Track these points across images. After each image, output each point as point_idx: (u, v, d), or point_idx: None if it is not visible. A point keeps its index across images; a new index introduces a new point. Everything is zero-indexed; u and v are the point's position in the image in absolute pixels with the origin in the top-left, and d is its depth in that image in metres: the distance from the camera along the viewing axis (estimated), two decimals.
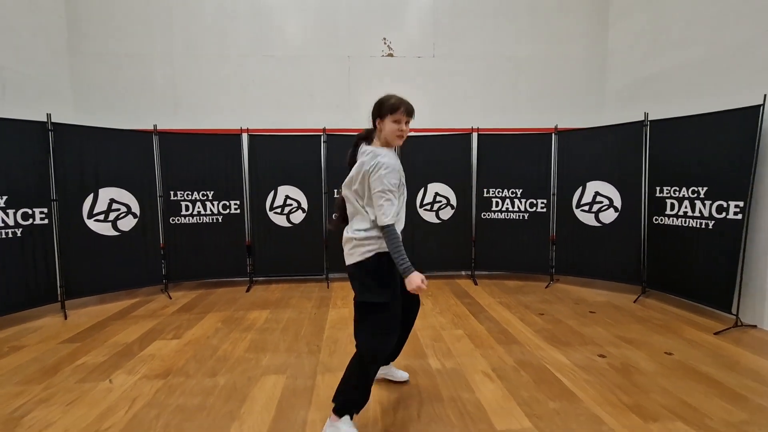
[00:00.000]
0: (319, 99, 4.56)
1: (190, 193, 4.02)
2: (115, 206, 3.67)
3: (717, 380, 2.19)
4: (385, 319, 1.66)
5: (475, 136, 4.33)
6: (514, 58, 4.65)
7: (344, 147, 4.18)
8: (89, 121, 3.83)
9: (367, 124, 4.76)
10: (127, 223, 3.74)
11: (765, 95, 2.81)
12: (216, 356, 2.54)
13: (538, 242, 4.26)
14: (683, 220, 3.32)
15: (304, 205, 4.26)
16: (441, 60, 4.62)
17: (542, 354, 2.54)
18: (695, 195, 3.22)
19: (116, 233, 3.68)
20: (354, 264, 1.72)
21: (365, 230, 1.70)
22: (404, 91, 4.71)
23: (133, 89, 4.38)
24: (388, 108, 1.69)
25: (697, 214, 3.21)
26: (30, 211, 3.20)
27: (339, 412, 1.66)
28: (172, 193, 3.97)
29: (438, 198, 4.37)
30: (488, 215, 4.36)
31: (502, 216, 4.33)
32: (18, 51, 3.72)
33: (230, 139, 4.12)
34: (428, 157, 4.31)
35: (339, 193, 3.87)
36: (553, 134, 4.20)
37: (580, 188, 4.03)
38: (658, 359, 2.45)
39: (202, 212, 4.07)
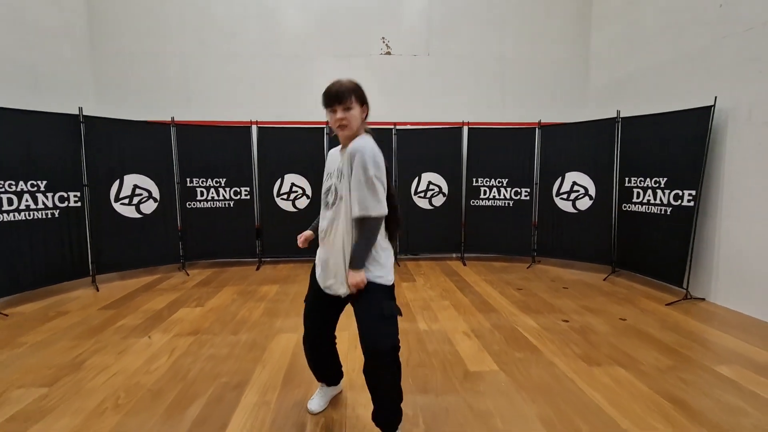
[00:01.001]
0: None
1: (204, 180, 4.40)
2: (138, 191, 4.05)
3: (657, 339, 2.63)
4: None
5: (465, 129, 4.72)
6: (502, 57, 5.01)
7: None
8: (110, 114, 4.18)
9: (368, 118, 5.12)
10: (149, 207, 4.13)
11: (715, 97, 3.21)
12: (236, 320, 2.96)
13: (521, 227, 4.68)
14: (647, 207, 3.73)
15: (309, 192, 4.65)
16: (435, 58, 4.97)
17: (515, 319, 2.97)
18: (657, 185, 3.64)
19: (139, 216, 4.08)
20: None
21: None
22: (401, 87, 5.10)
23: (149, 84, 4.73)
24: (323, 101, 1.52)
25: (658, 201, 3.63)
26: (65, 195, 3.59)
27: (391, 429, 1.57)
28: (188, 180, 4.35)
29: (431, 186, 4.77)
30: (477, 202, 4.77)
31: (489, 203, 4.74)
32: (47, 50, 4.05)
33: (241, 130, 4.50)
34: (422, 149, 4.69)
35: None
36: (536, 128, 4.58)
37: (560, 178, 4.43)
38: (613, 324, 2.89)
39: (216, 198, 4.46)
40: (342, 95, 1.48)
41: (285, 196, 4.63)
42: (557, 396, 1.96)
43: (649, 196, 3.71)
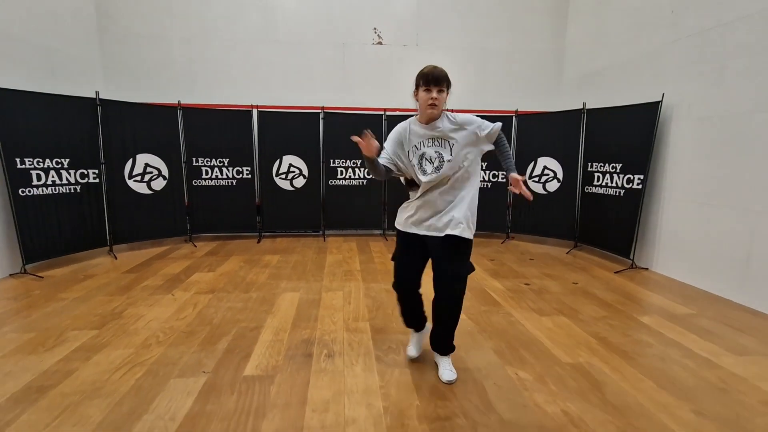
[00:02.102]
0: (318, 81, 5.27)
1: (209, 159, 4.78)
2: (149, 169, 4.42)
3: (599, 298, 3.18)
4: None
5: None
6: (485, 48, 5.41)
7: (340, 122, 5.00)
8: (117, 96, 4.49)
9: (359, 103, 5.55)
10: (159, 184, 4.51)
11: (663, 94, 3.69)
12: (245, 282, 3.43)
13: (498, 206, 5.19)
14: (605, 189, 4.26)
15: (305, 172, 5.07)
16: (423, 48, 5.35)
17: (485, 283, 3.50)
18: (614, 170, 4.15)
19: (150, 192, 4.46)
20: None
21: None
22: (390, 75, 5.48)
23: (155, 68, 5.02)
24: (417, 79, 1.82)
25: (614, 184, 4.15)
26: (85, 172, 3.95)
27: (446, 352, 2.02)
28: (194, 159, 4.73)
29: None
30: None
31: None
32: (59, 33, 4.32)
33: (242, 113, 4.86)
34: None
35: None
36: (513, 117, 5.04)
37: (533, 163, 4.93)
38: (566, 286, 3.44)
39: (220, 176, 4.86)
40: (440, 79, 1.77)
41: (283, 176, 5.04)
42: (509, 335, 2.49)
43: (607, 179, 4.23)
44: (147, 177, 4.43)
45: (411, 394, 1.85)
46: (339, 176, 5.14)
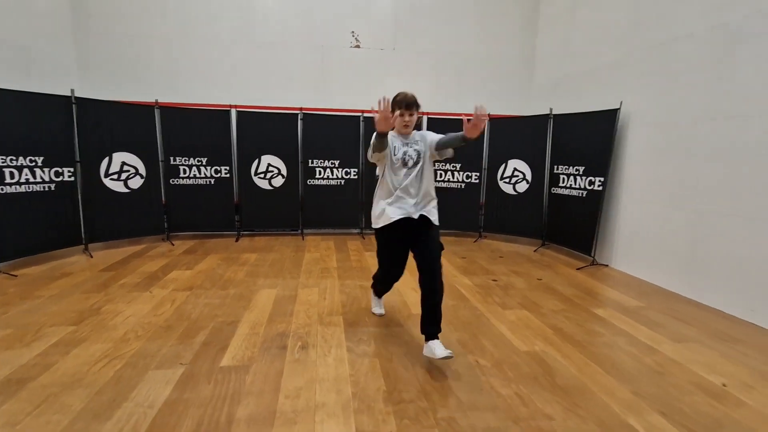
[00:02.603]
0: (297, 82, 5.36)
1: (187, 158, 4.81)
2: (126, 168, 4.43)
3: (560, 292, 3.41)
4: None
5: (425, 118, 5.32)
6: (459, 54, 5.61)
7: (318, 124, 5.11)
8: (93, 94, 4.48)
9: (337, 104, 5.65)
10: (136, 183, 4.52)
11: (621, 102, 3.96)
12: (223, 279, 3.51)
13: (471, 206, 5.40)
14: (569, 190, 4.51)
15: (284, 171, 5.15)
16: (400, 53, 5.50)
17: (454, 279, 3.68)
18: (577, 172, 4.41)
19: (127, 190, 4.46)
20: None
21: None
22: (368, 78, 5.62)
23: (132, 66, 5.01)
24: (393, 105, 2.20)
25: (577, 186, 4.41)
26: (60, 170, 3.94)
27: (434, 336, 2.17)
28: (172, 158, 4.75)
29: None
30: (435, 184, 5.43)
31: (444, 185, 5.42)
32: (35, 31, 4.27)
33: (221, 113, 4.90)
34: None
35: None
36: (486, 120, 5.25)
37: (504, 164, 5.15)
38: (531, 282, 3.66)
39: (198, 175, 4.89)
40: (413, 105, 2.25)
41: (262, 175, 5.11)
42: (474, 327, 2.67)
43: (571, 181, 4.48)
44: (124, 175, 4.43)
45: (378, 380, 2.00)
46: (317, 176, 5.24)
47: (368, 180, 5.32)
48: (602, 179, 4.10)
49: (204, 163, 4.89)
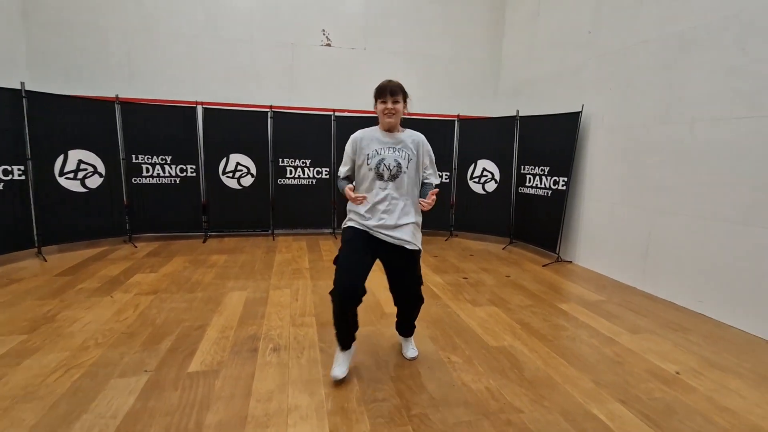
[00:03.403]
0: (267, 79, 5.26)
1: (150, 156, 4.62)
2: (83, 166, 4.20)
3: (527, 288, 3.53)
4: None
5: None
6: (429, 55, 5.68)
7: (289, 122, 5.03)
8: (45, 88, 4.21)
9: (308, 103, 5.59)
10: (94, 182, 4.30)
11: (582, 105, 4.14)
12: (190, 282, 3.40)
13: (441, 206, 5.47)
14: (535, 190, 4.67)
15: (253, 170, 5.04)
16: (371, 52, 5.51)
17: (427, 278, 3.72)
18: (543, 172, 4.57)
19: (85, 190, 4.24)
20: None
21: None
22: (339, 76, 5.58)
23: (89, 59, 4.75)
24: (375, 94, 1.96)
25: (543, 186, 4.57)
26: (9, 168, 3.69)
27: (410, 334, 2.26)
28: (134, 156, 4.55)
29: None
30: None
31: None
32: None
33: (186, 110, 4.74)
34: None
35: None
36: (456, 121, 5.35)
37: (473, 165, 5.27)
38: (499, 279, 3.76)
39: (162, 174, 4.70)
40: (395, 91, 1.91)
41: (230, 174, 4.98)
42: (445, 324, 2.72)
43: (537, 181, 4.64)
44: (81, 174, 4.20)
45: (351, 381, 2.00)
46: (288, 175, 5.17)
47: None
48: (566, 179, 4.27)
49: (168, 162, 4.71)
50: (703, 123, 3.06)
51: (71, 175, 4.13)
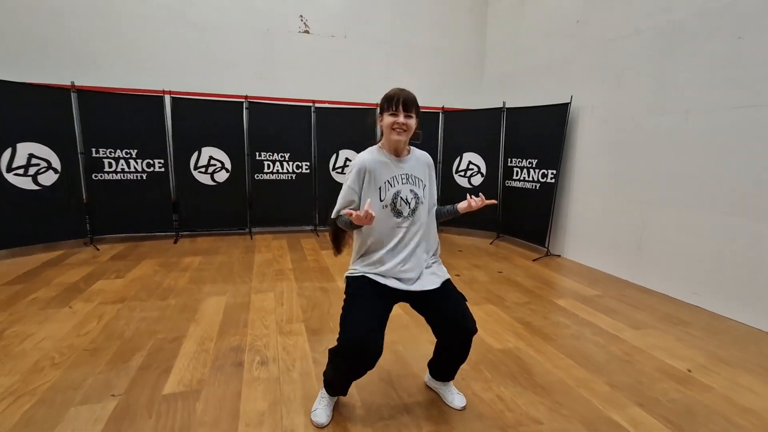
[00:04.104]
0: (242, 68, 4.92)
1: (112, 150, 4.22)
2: (34, 161, 3.77)
3: (521, 284, 3.42)
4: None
5: (378, 111, 5.14)
6: (413, 45, 5.49)
7: (265, 113, 4.74)
8: None
9: (286, 93, 5.30)
10: (49, 178, 3.87)
11: (571, 96, 4.06)
12: (162, 288, 3.09)
13: None
14: (523, 183, 4.59)
15: (228, 165, 4.71)
16: (352, 41, 5.26)
17: None
18: (530, 165, 4.49)
19: (37, 188, 3.81)
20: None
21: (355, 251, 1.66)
22: (318, 66, 5.31)
23: (38, 42, 4.26)
24: (381, 103, 1.55)
25: (531, 179, 4.49)
26: None
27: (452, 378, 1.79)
28: (94, 150, 4.13)
29: (347, 162, 5.15)
30: None
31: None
32: None
33: (152, 100, 4.35)
34: (339, 128, 5.00)
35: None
36: (440, 113, 5.20)
37: (459, 158, 5.13)
38: (492, 275, 3.64)
39: (126, 169, 4.31)
40: (408, 103, 1.50)
41: (203, 170, 4.63)
42: None
43: (525, 174, 4.56)
44: (32, 170, 3.77)
45: (353, 395, 1.80)
46: (266, 170, 4.87)
47: (321, 173, 5.05)
48: (554, 172, 4.20)
49: (134, 156, 4.32)
50: (697, 113, 3.02)
51: (21, 171, 3.70)
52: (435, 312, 1.61)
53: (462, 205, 1.71)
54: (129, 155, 4.30)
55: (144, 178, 4.40)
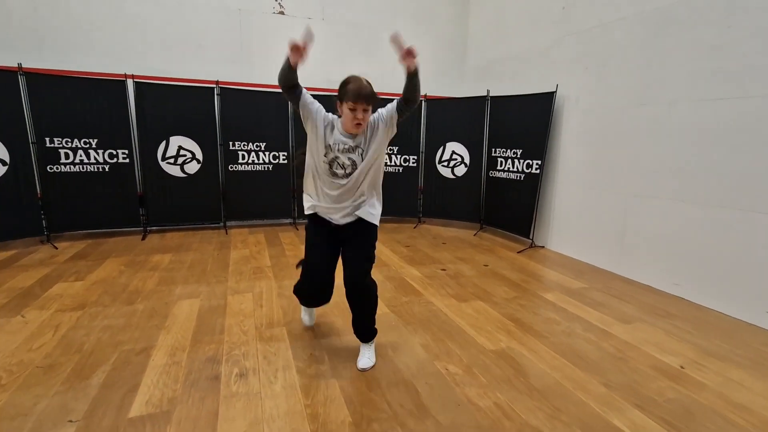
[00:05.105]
0: (211, 51, 4.59)
1: (69, 140, 3.86)
2: None
3: (508, 278, 3.36)
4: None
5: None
6: (392, 28, 5.25)
7: (238, 100, 4.47)
8: None
9: (259, 78, 5.01)
10: None
11: (557, 85, 3.99)
12: (128, 290, 2.85)
13: (409, 191, 5.20)
14: (507, 173, 4.52)
15: (199, 156, 4.42)
16: (329, 24, 5.00)
17: (403, 271, 3.45)
18: (515, 155, 4.41)
19: None
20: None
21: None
22: None
23: None
24: (342, 93, 1.72)
25: (515, 169, 4.42)
26: None
27: (372, 338, 2.03)
28: (47, 139, 3.77)
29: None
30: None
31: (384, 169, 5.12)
32: None
33: (113, 84, 4.00)
34: None
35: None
36: (423, 100, 5.04)
37: (442, 147, 5.01)
38: (478, 269, 3.57)
39: (85, 161, 3.97)
40: (370, 98, 1.67)
41: (172, 161, 4.33)
42: (434, 326, 2.46)
43: (509, 164, 4.49)
44: None
45: (341, 410, 1.67)
46: (240, 161, 4.60)
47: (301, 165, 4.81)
48: (539, 162, 4.14)
49: (94, 146, 3.98)
50: (684, 104, 2.99)
51: None
52: (344, 253, 1.94)
53: (403, 62, 1.72)
54: (88, 145, 3.95)
55: (107, 169, 4.07)
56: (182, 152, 4.35)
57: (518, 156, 4.37)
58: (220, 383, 1.83)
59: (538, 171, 4.16)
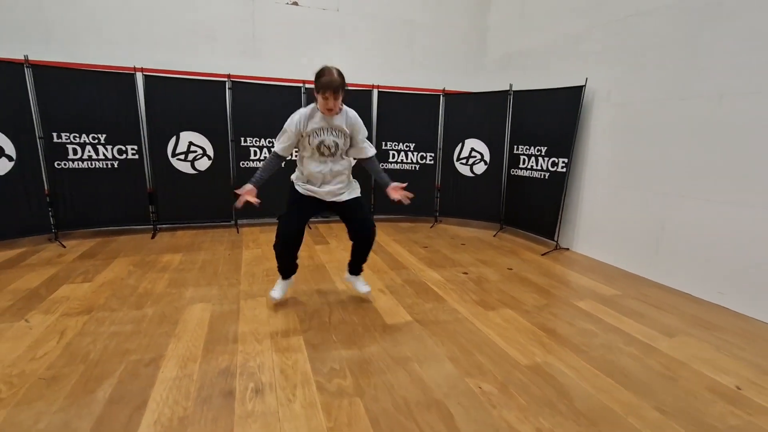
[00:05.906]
0: (223, 43, 4.44)
1: (77, 135, 3.74)
2: None
3: (535, 283, 3.17)
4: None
5: (375, 92, 4.76)
6: (411, 22, 5.07)
7: (251, 94, 4.32)
8: None
9: (271, 72, 4.85)
10: (3, 167, 3.40)
11: (586, 78, 3.76)
12: (137, 293, 2.72)
13: (426, 189, 5.01)
14: (530, 172, 4.31)
15: (210, 152, 4.29)
16: (344, 15, 4.82)
17: (423, 274, 3.27)
18: (539, 153, 4.20)
19: None
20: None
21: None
22: (308, 41, 4.87)
23: None
24: (318, 86, 2.14)
25: (539, 167, 4.21)
26: None
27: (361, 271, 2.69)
28: (55, 134, 3.65)
29: None
30: (386, 165, 4.93)
31: (398, 167, 4.95)
32: None
33: (122, 77, 3.87)
34: None
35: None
36: (441, 96, 4.84)
37: (460, 144, 4.81)
38: (502, 273, 3.38)
39: (94, 156, 3.85)
40: (338, 88, 2.10)
41: (182, 157, 4.19)
42: (461, 337, 2.28)
43: (532, 162, 4.27)
44: None
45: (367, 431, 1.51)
46: (252, 157, 4.46)
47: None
48: (566, 160, 3.93)
49: (102, 141, 3.86)
50: (727, 98, 2.76)
51: None
52: (348, 220, 2.48)
53: (391, 192, 2.49)
54: (97, 140, 3.83)
55: (116, 166, 3.95)
56: (193, 148, 4.21)
57: (542, 153, 4.15)
58: (234, 400, 1.68)
59: (564, 169, 3.94)
